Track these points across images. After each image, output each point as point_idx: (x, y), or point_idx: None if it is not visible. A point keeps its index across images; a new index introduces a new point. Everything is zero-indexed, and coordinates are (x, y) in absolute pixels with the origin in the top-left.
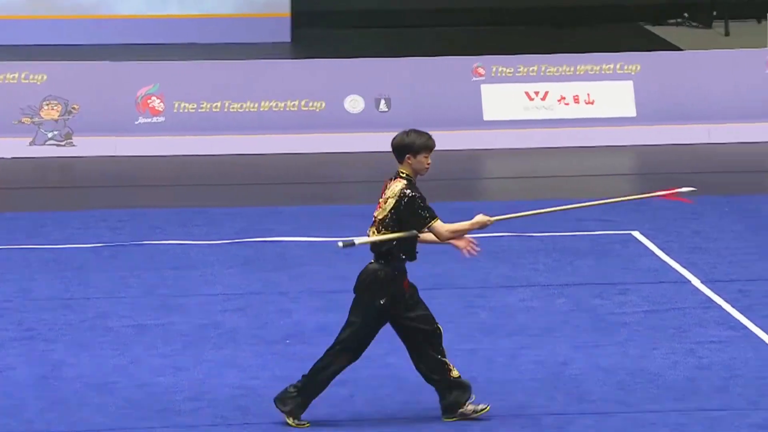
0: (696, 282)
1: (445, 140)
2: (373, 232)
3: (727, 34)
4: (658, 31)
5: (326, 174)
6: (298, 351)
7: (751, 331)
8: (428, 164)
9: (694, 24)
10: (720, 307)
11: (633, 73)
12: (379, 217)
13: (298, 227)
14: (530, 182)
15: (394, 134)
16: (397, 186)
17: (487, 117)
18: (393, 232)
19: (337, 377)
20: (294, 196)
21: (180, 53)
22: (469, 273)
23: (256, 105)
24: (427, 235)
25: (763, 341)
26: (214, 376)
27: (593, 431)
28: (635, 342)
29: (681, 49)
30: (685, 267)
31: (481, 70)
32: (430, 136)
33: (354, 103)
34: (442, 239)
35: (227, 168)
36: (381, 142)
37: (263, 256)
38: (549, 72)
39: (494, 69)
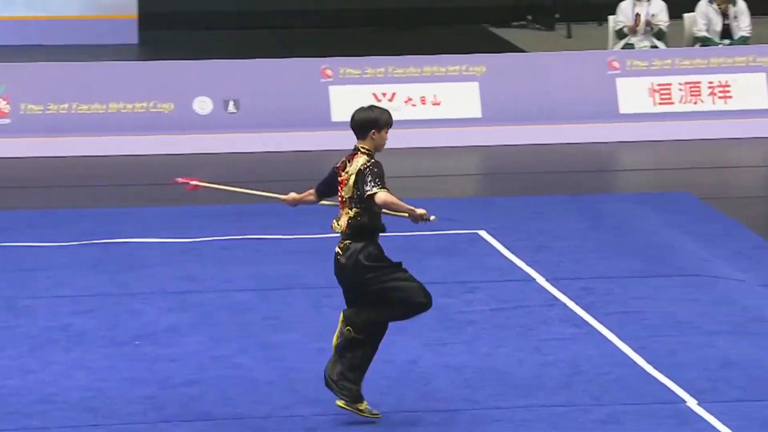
0: (541, 280)
1: (294, 141)
2: (346, 213)
3: (569, 36)
4: (502, 33)
5: (175, 175)
6: (148, 352)
7: (594, 328)
8: (386, 140)
9: (538, 26)
10: (564, 304)
11: (478, 75)
12: (347, 195)
13: (147, 228)
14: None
15: (243, 135)
16: (359, 161)
17: (335, 118)
18: (361, 209)
19: (188, 377)
20: (143, 197)
21: (26, 55)
22: (319, 272)
23: (104, 106)
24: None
25: (605, 338)
26: (63, 378)
27: (441, 428)
28: (482, 340)
29: (525, 51)
30: (530, 265)
31: (329, 72)
32: (390, 113)
33: (203, 105)
34: (379, 202)
35: (75, 169)
36: (230, 143)
37: (112, 258)
38: (396, 73)
39: (342, 70)
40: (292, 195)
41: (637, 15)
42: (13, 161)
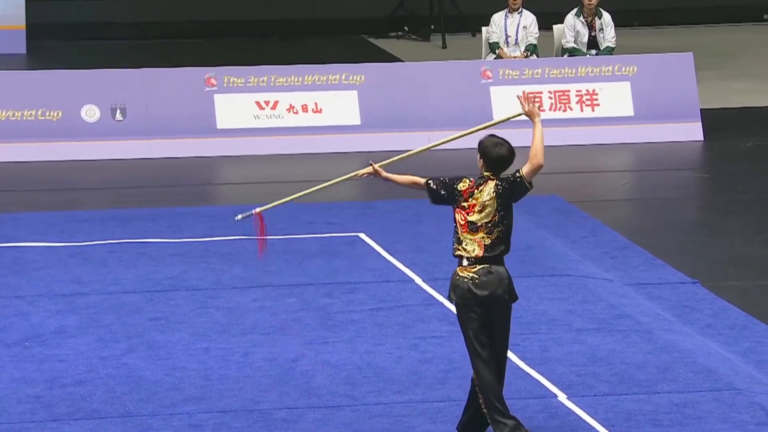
0: (418, 280)
1: (180, 148)
2: (482, 238)
3: (444, 46)
4: (380, 43)
5: (64, 181)
6: (37, 353)
7: None
8: None
9: (414, 37)
10: (441, 303)
11: (358, 84)
12: (483, 221)
13: (36, 233)
14: (262, 188)
15: (130, 142)
16: (490, 186)
17: (220, 125)
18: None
19: (77, 377)
20: (31, 203)
21: None
22: (204, 274)
23: None
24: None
25: None
26: None
27: (322, 424)
28: (362, 338)
29: (402, 61)
30: (408, 266)
31: (213, 81)
32: None
33: (90, 113)
34: (532, 168)
35: None
36: (117, 150)
37: (0, 261)
38: (278, 82)
39: (226, 79)
40: (375, 167)
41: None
42: None
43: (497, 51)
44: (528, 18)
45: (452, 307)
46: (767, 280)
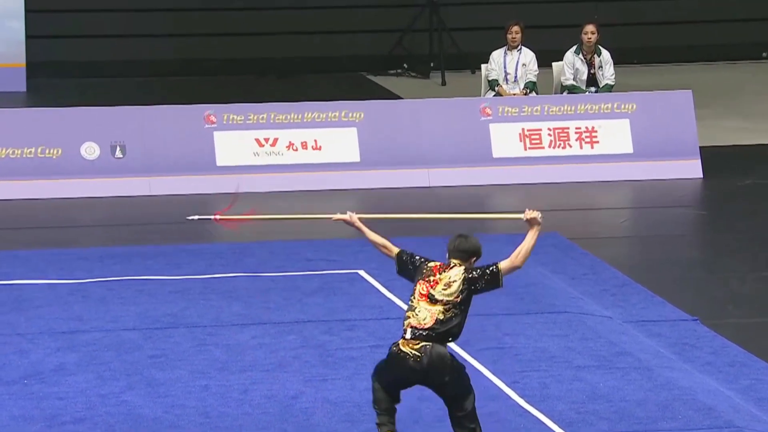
0: None
1: (180, 185)
2: (437, 312)
3: (444, 83)
4: (379, 80)
5: (63, 218)
6: (36, 390)
7: (468, 363)
8: None
9: (413, 74)
10: None
11: (357, 120)
12: (445, 298)
13: (35, 270)
14: (261, 224)
15: (130, 179)
16: (459, 270)
17: (220, 162)
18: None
19: (76, 415)
20: (31, 240)
21: None
22: (203, 311)
23: None
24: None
25: (480, 373)
26: None
27: None
28: (362, 375)
29: (401, 98)
30: (406, 303)
31: (213, 118)
32: None
33: (90, 150)
34: (509, 266)
35: None
36: (117, 187)
37: (0, 299)
38: (278, 119)
39: (225, 116)
40: (351, 215)
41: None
42: None
43: (496, 88)
44: (527, 55)
45: (452, 345)
46: (767, 317)
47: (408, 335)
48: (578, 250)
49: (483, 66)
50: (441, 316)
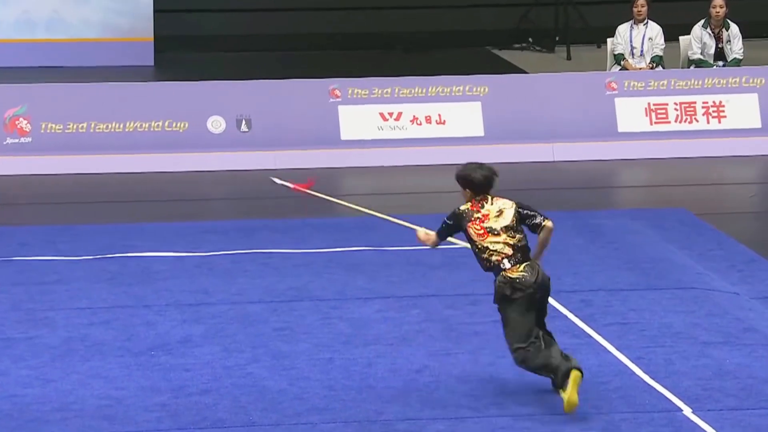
0: None
1: (304, 159)
2: (510, 238)
3: (569, 58)
4: (504, 55)
5: (190, 192)
6: (163, 362)
7: (593, 339)
8: None
9: (538, 48)
10: (565, 316)
11: (481, 95)
12: (502, 225)
13: (162, 243)
14: (386, 199)
15: (255, 153)
16: (502, 201)
17: (344, 136)
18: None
19: (202, 386)
20: (158, 213)
21: (47, 76)
22: (327, 285)
23: (122, 126)
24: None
25: (604, 348)
26: (81, 387)
27: None
28: (485, 350)
29: (526, 72)
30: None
31: (337, 92)
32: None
33: (216, 124)
34: (551, 227)
35: (93, 187)
36: (242, 160)
37: (128, 271)
38: (402, 94)
39: (350, 91)
40: (425, 231)
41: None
42: (33, 178)
43: (622, 62)
44: (654, 29)
45: (576, 320)
46: None
47: (507, 265)
48: (705, 225)
49: (609, 40)
50: (511, 241)
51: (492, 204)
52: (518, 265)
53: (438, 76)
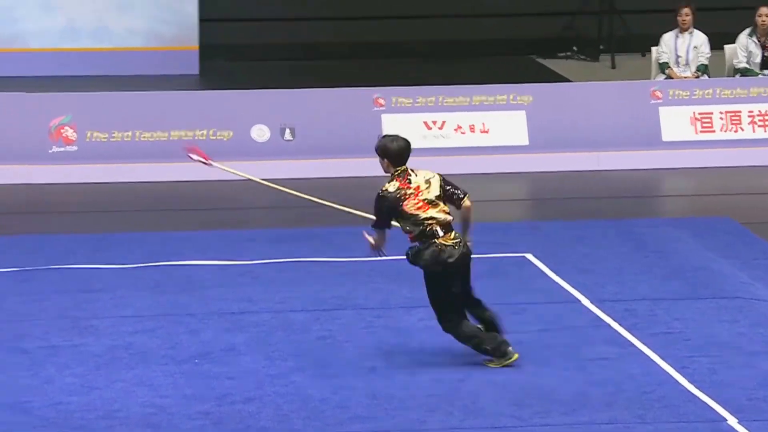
0: (586, 302)
1: (348, 167)
2: (441, 208)
3: (613, 66)
4: (548, 63)
5: (233, 200)
6: (206, 370)
7: (637, 348)
8: None
9: (583, 57)
10: (608, 325)
11: (525, 104)
12: (433, 195)
13: (206, 252)
14: None
15: (299, 162)
16: (425, 172)
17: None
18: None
19: (246, 395)
20: (201, 221)
21: (92, 85)
22: (371, 294)
23: (167, 134)
24: None
25: (648, 357)
26: (126, 395)
27: None
28: (529, 359)
29: (570, 81)
30: (575, 288)
31: (381, 101)
32: None
33: (260, 132)
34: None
35: (137, 195)
36: (286, 169)
37: (172, 280)
38: (446, 102)
39: (394, 100)
40: (373, 239)
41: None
42: (79, 186)
43: (667, 71)
44: (699, 38)
45: (620, 329)
46: None
47: (441, 233)
48: (750, 234)
49: (653, 49)
50: (443, 211)
51: (416, 176)
52: (449, 233)
53: (482, 85)
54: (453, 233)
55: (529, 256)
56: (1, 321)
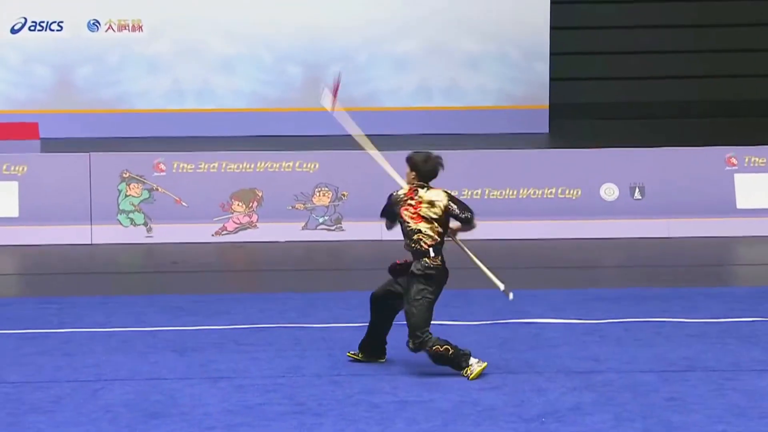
0: None
1: (698, 227)
2: (436, 228)
3: None
4: None
5: (582, 258)
6: (554, 429)
7: None
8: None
9: None
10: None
11: None
12: (433, 216)
13: (554, 309)
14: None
15: (648, 221)
16: (436, 192)
17: (740, 205)
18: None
19: None
20: (549, 278)
21: (443, 143)
22: (720, 356)
23: (515, 192)
24: None
25: None
26: None
27: None
28: None
29: None
30: None
31: (733, 160)
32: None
33: (609, 191)
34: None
35: (484, 252)
36: (634, 228)
37: (519, 336)
38: None
39: (747, 159)
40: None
41: None
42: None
43: None
44: None
45: None
46: None
47: (432, 254)
48: None
49: None
50: (437, 231)
51: (426, 193)
52: (438, 256)
53: None
54: (440, 257)
55: None
56: (352, 375)
